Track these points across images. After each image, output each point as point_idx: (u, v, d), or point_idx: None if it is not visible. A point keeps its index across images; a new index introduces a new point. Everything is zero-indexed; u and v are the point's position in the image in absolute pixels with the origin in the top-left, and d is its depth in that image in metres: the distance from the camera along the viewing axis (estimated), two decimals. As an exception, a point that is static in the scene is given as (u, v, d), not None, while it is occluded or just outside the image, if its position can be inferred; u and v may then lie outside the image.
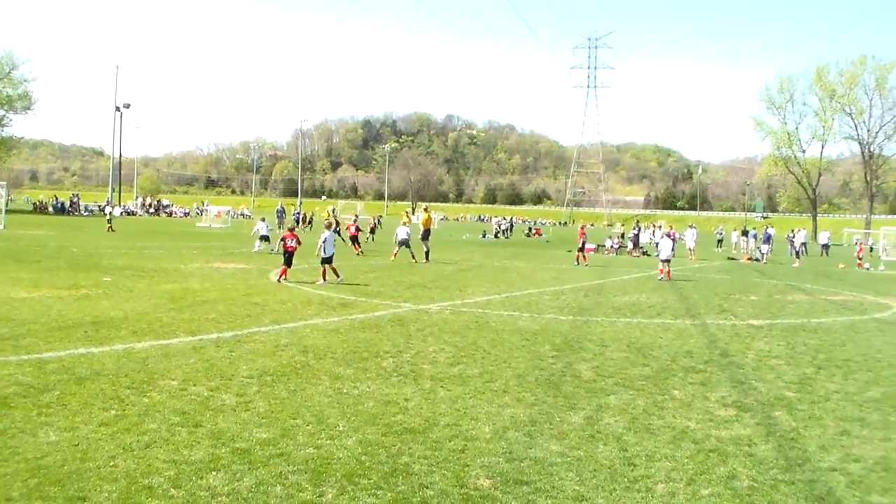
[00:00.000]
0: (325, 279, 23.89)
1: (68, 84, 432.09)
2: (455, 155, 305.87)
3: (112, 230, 50.80)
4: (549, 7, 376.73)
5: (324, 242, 24.41)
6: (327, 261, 24.26)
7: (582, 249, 39.76)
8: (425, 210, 39.78)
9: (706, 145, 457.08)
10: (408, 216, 43.31)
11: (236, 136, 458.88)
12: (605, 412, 9.62)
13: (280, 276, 23.89)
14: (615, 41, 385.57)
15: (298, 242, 24.94)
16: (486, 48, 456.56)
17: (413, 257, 34.17)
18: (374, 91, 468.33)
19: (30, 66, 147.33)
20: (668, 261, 31.34)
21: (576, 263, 38.80)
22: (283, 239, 25.07)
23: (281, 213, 72.13)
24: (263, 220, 42.56)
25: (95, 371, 10.56)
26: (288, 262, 24.20)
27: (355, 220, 43.57)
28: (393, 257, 34.79)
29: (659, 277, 30.77)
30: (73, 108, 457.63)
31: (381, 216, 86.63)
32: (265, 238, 39.04)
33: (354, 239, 39.03)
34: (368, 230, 51.29)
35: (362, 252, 37.77)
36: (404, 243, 34.68)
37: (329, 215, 40.45)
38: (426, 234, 36.10)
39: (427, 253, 35.18)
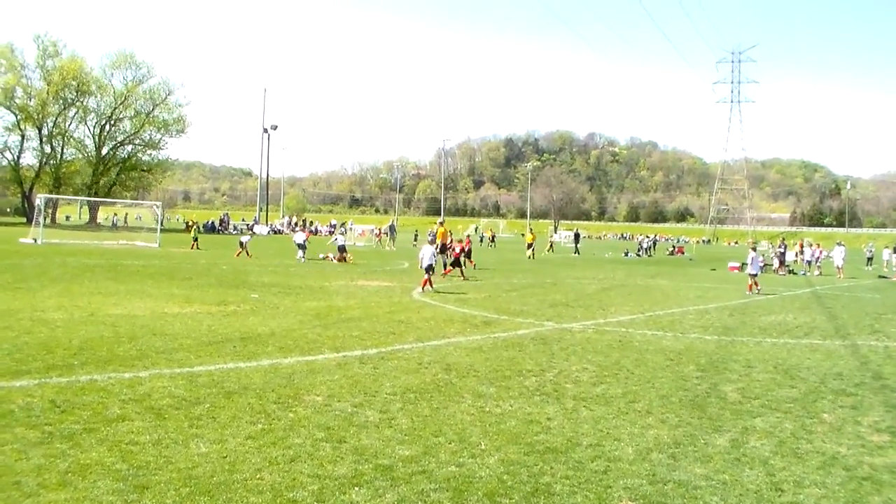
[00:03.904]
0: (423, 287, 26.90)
1: (219, 107, 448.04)
2: (597, 172, 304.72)
3: (247, 254, 44.36)
4: (691, 22, 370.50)
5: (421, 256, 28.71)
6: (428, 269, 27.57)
7: (468, 256, 39.71)
8: (441, 224, 39.55)
9: (856, 159, 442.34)
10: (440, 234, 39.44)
11: (380, 155, 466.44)
12: (751, 435, 9.34)
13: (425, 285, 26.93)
14: (759, 54, 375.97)
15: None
16: (627, 65, 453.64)
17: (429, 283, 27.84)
18: (515, 110, 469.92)
19: (184, 92, 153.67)
20: (755, 275, 32.37)
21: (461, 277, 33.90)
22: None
23: (392, 229, 74.92)
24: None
25: (243, 385, 10.82)
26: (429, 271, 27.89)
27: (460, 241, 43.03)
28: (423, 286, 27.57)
29: (747, 293, 30.95)
30: (223, 130, 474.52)
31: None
32: (300, 246, 43.39)
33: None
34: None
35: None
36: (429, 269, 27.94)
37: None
38: (443, 249, 36.27)
39: (441, 264, 34.99)
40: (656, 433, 9.22)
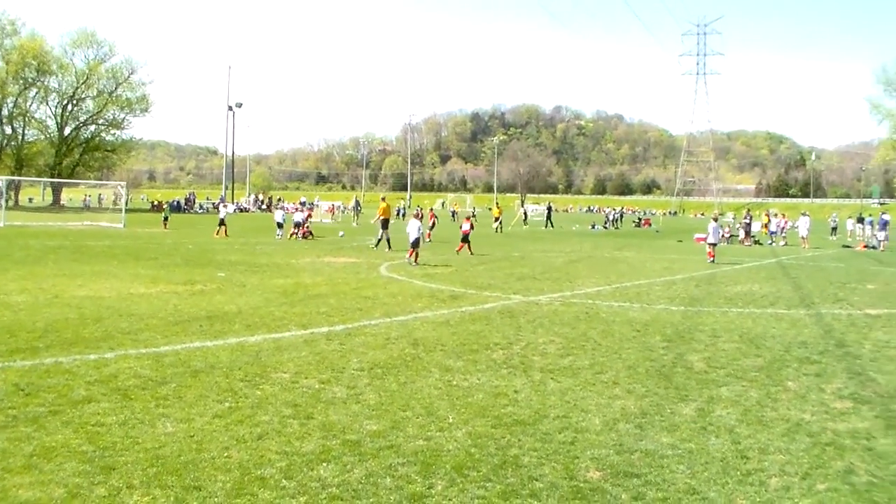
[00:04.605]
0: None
1: (183, 85, 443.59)
2: (564, 146, 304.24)
3: (225, 235, 43.96)
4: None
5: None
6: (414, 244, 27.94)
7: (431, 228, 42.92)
8: (382, 200, 39.71)
9: (820, 131, 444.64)
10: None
11: (346, 132, 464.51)
12: (716, 404, 9.43)
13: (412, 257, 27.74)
14: (724, 27, 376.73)
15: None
16: (593, 37, 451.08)
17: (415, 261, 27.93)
18: (481, 84, 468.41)
19: (147, 70, 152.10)
20: (714, 244, 33.64)
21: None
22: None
23: (358, 205, 77.21)
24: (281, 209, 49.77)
25: (210, 364, 10.78)
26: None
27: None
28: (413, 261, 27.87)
29: (709, 261, 32.14)
30: (187, 108, 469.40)
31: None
32: (279, 224, 44.04)
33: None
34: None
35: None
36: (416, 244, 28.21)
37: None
38: (385, 224, 36.43)
39: (386, 241, 35.50)
40: (623, 404, 9.29)
